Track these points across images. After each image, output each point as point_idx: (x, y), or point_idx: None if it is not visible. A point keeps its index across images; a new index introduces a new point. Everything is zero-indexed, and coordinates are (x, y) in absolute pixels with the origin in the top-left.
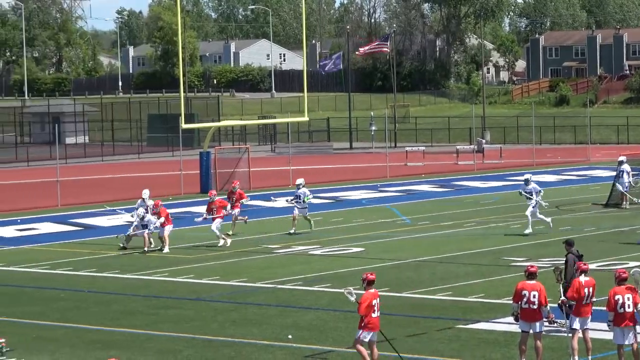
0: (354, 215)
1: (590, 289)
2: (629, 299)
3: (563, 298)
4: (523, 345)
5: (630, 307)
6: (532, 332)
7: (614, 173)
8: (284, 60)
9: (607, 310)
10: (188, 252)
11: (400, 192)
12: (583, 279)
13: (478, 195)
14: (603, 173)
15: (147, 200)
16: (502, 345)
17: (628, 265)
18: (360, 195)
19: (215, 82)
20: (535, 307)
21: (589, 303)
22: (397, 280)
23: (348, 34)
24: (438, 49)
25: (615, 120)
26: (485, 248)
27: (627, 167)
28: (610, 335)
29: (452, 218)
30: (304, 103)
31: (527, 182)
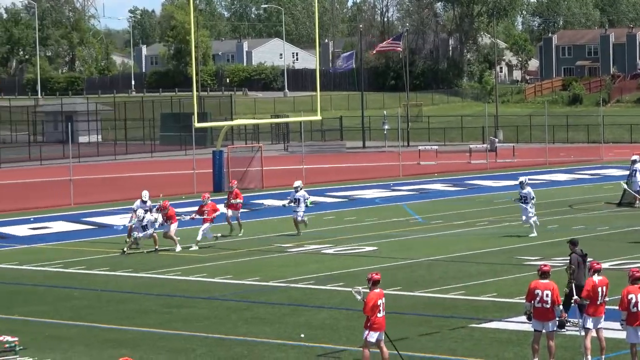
0: (367, 214)
1: (604, 288)
2: None
3: (576, 297)
4: (536, 345)
5: None
6: (545, 331)
7: (627, 172)
8: (297, 59)
9: (620, 310)
10: (200, 250)
11: (413, 191)
12: (596, 278)
13: (490, 195)
14: (616, 172)
15: (147, 202)
16: (515, 345)
17: None
18: (373, 194)
19: (228, 81)
20: (548, 306)
21: (603, 302)
22: (409, 279)
23: (361, 33)
24: (451, 48)
25: (628, 119)
26: (498, 247)
27: (639, 166)
28: (624, 335)
29: (464, 217)
30: (317, 102)
31: (522, 185)
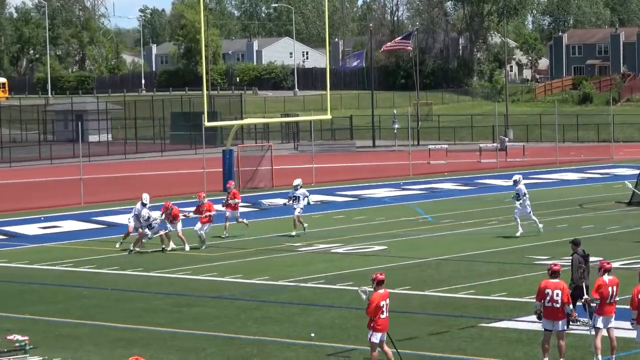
0: (376, 214)
1: (614, 288)
2: None
3: (586, 297)
4: (546, 344)
5: None
6: (555, 330)
7: (637, 171)
8: (307, 58)
9: (630, 309)
10: (210, 250)
11: (423, 190)
12: (607, 278)
13: (500, 194)
14: (626, 171)
15: (147, 204)
16: (525, 344)
17: None
18: (383, 194)
19: (238, 80)
20: (558, 305)
21: (613, 302)
22: (419, 279)
23: (371, 32)
24: (461, 47)
25: (639, 118)
26: (508, 246)
27: None
28: (634, 334)
29: (474, 216)
30: (327, 101)
31: (516, 182)
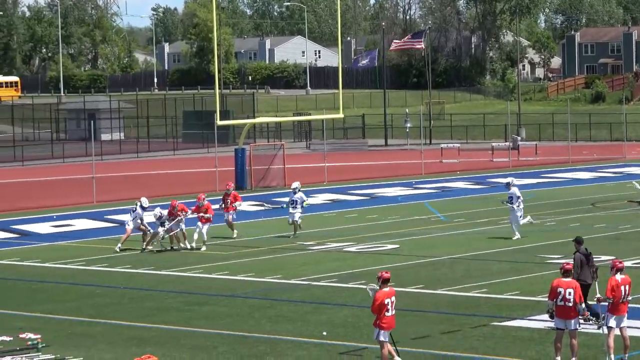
0: (389, 212)
1: (627, 287)
2: None
3: (599, 296)
4: (558, 343)
5: None
6: (567, 329)
7: None
8: (319, 57)
9: None
10: (223, 248)
11: (435, 189)
12: (619, 277)
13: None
14: (639, 170)
15: (147, 207)
16: (537, 343)
17: None
18: (395, 192)
19: (250, 78)
20: (571, 304)
21: (625, 301)
22: (431, 277)
23: (383, 31)
24: (473, 46)
25: None
26: (520, 245)
27: None
28: None
29: (487, 215)
30: (339, 100)
31: (508, 185)
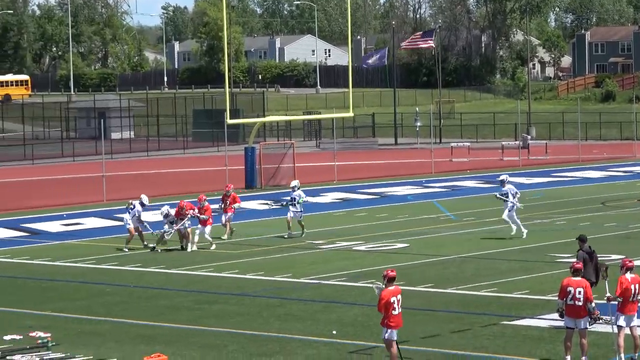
0: (398, 211)
1: (637, 286)
2: None
3: (609, 295)
4: (568, 342)
5: None
6: (577, 328)
7: None
8: (329, 56)
9: None
10: (233, 247)
11: (445, 188)
12: (629, 276)
13: (523, 192)
14: None
15: (146, 205)
16: (547, 342)
17: None
18: (405, 191)
19: (260, 77)
20: (581, 303)
21: (635, 300)
22: (441, 276)
23: (393, 30)
24: (483, 45)
25: None
26: (530, 244)
27: None
28: None
29: (496, 214)
30: (349, 99)
31: (502, 183)
